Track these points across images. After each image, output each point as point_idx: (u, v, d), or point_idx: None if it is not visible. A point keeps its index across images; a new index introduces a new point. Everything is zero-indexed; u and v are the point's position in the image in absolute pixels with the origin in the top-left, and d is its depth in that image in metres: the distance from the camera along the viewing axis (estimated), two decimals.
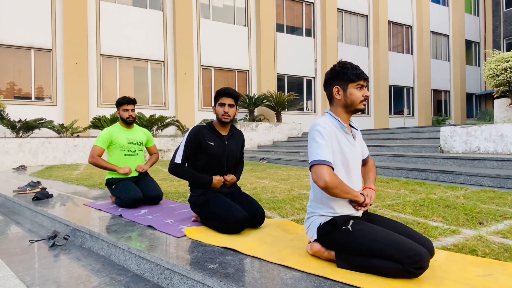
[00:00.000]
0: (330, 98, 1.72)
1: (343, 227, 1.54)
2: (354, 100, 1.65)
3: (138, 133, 3.46)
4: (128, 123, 3.34)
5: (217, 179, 2.38)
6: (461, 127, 6.12)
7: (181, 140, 2.42)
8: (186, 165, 2.42)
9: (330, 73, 1.71)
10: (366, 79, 1.66)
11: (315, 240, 1.66)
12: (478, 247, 1.82)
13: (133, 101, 3.34)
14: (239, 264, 1.63)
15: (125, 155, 3.30)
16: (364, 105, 1.68)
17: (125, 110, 3.30)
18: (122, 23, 11.42)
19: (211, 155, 2.36)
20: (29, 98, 10.33)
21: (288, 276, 1.48)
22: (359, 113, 1.75)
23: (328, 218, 1.61)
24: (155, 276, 1.81)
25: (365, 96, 1.65)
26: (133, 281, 1.84)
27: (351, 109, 1.68)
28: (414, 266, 1.35)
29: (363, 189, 1.71)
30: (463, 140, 6.01)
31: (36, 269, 2.06)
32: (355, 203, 1.62)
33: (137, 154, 3.38)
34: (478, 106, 20.57)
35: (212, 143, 2.37)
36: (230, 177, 2.44)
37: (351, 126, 1.75)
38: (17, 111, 9.47)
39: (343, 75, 1.64)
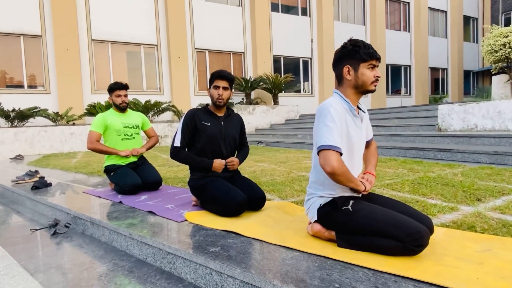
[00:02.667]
0: (340, 78, 1.64)
1: (343, 208, 1.55)
2: (366, 81, 1.58)
3: (133, 116, 3.42)
4: (121, 108, 3.29)
5: (218, 162, 2.35)
6: (458, 104, 6.10)
7: (178, 125, 2.40)
8: (186, 149, 2.41)
9: (340, 52, 1.62)
10: (378, 58, 1.58)
11: (315, 221, 1.67)
12: (476, 223, 1.84)
13: (125, 86, 3.27)
14: (241, 247, 1.64)
15: (122, 139, 3.27)
16: (375, 86, 1.60)
17: (118, 96, 3.25)
18: (113, 6, 11.09)
19: (208, 136, 2.35)
20: (22, 86, 10.15)
21: (289, 256, 1.50)
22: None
23: (328, 199, 1.61)
24: (158, 261, 1.83)
25: (377, 76, 1.58)
26: (136, 266, 1.86)
27: (362, 90, 1.61)
28: (414, 244, 1.36)
29: (363, 174, 1.70)
30: (460, 118, 6.01)
31: (39, 257, 2.07)
32: (354, 191, 1.62)
33: (134, 138, 3.35)
34: (476, 84, 20.50)
35: (208, 124, 2.37)
36: (231, 159, 2.40)
37: (359, 109, 1.70)
38: (10, 100, 9.32)
39: (354, 54, 1.56)
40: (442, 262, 1.38)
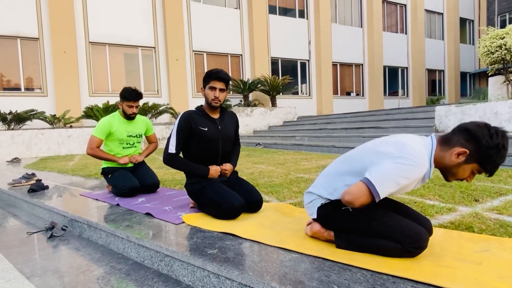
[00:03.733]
0: (448, 144, 1.36)
1: (344, 208, 1.54)
2: (457, 174, 1.38)
3: (139, 124, 3.31)
4: (130, 118, 3.20)
5: (213, 169, 2.30)
6: (455, 106, 6.12)
7: (172, 128, 2.34)
8: (181, 154, 2.37)
9: (481, 134, 1.29)
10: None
11: (314, 219, 1.67)
12: (474, 224, 1.84)
13: (139, 97, 3.11)
14: (239, 249, 1.63)
15: (123, 148, 3.22)
16: (452, 180, 1.44)
17: (130, 107, 3.11)
18: (110, 8, 11.09)
19: (205, 141, 2.30)
20: (19, 89, 10.11)
21: (287, 258, 1.49)
22: (355, 96, 1.66)
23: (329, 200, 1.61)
24: (155, 263, 1.82)
25: (464, 178, 1.39)
26: (133, 269, 1.84)
27: (444, 172, 1.41)
28: (413, 246, 1.36)
29: None
30: (458, 119, 6.03)
31: (36, 261, 2.05)
32: None
33: (135, 146, 3.30)
34: (472, 85, 20.61)
35: (205, 129, 2.30)
36: (227, 167, 2.36)
37: None
38: (7, 103, 9.29)
39: (484, 155, 1.29)
40: (440, 262, 1.37)
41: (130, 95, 3.07)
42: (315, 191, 1.65)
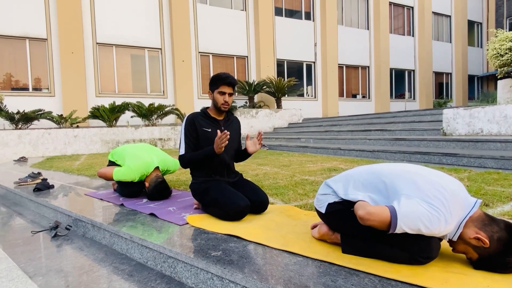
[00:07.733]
0: (484, 224, 1.29)
1: (353, 209, 1.50)
2: (456, 244, 1.35)
3: None
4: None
5: (215, 143, 2.13)
6: (464, 109, 6.04)
7: (180, 131, 2.36)
8: None
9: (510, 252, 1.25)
10: None
11: (321, 217, 1.64)
12: None
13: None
14: (243, 251, 1.61)
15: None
16: None
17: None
18: (117, 10, 11.19)
19: (209, 142, 2.28)
20: (27, 89, 10.22)
21: (292, 261, 1.46)
22: (361, 99, 1.62)
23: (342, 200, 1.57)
24: (158, 265, 1.80)
25: (453, 248, 1.37)
26: (136, 270, 1.83)
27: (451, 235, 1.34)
28: (423, 255, 1.32)
29: None
30: (466, 122, 5.94)
31: (39, 260, 2.05)
32: None
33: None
34: (480, 88, 20.38)
35: (208, 130, 2.32)
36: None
37: None
38: (15, 103, 9.40)
39: (494, 261, 1.27)
40: (450, 268, 1.33)
41: (159, 195, 2.79)
42: (334, 186, 1.60)
